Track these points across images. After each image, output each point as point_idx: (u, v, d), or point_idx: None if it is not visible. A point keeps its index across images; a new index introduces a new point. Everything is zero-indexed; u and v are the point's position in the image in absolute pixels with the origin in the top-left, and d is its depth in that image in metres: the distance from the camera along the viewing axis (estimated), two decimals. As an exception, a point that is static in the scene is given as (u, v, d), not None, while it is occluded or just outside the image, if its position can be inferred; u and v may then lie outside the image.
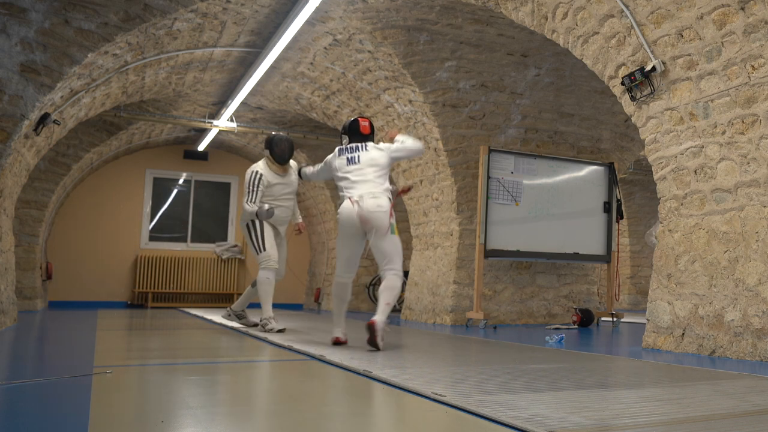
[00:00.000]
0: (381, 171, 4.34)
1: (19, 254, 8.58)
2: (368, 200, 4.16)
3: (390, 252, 4.17)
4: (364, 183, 4.25)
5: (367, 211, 4.13)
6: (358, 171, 4.30)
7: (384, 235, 4.15)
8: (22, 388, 2.57)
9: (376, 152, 4.37)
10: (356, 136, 4.47)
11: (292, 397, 2.53)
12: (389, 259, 4.18)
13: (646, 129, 4.72)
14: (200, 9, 5.73)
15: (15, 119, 5.34)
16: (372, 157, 4.34)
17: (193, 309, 9.98)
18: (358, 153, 4.38)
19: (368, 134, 4.49)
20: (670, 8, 4.14)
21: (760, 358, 3.81)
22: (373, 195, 4.19)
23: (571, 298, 7.80)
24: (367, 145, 4.42)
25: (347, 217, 4.19)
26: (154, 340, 4.99)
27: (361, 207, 4.14)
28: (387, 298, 4.13)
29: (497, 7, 5.27)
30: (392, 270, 4.18)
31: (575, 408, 2.22)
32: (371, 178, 4.27)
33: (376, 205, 4.15)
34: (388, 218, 4.17)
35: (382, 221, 4.14)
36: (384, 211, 4.16)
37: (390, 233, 4.17)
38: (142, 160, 11.49)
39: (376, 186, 4.25)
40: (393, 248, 4.19)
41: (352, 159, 4.36)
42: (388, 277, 4.18)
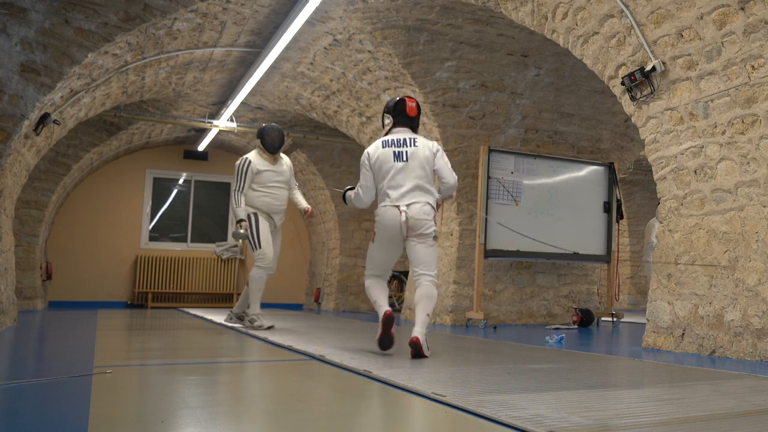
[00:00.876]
0: (429, 173, 3.95)
1: (19, 254, 8.58)
2: (415, 207, 3.85)
3: (429, 258, 3.88)
4: (411, 186, 3.88)
5: (414, 219, 3.83)
6: (406, 170, 3.90)
7: (426, 241, 3.87)
8: (22, 388, 2.57)
9: (426, 151, 3.94)
10: (402, 118, 4.04)
11: (292, 397, 2.53)
12: (426, 265, 3.87)
13: (646, 129, 4.72)
14: (200, 9, 5.73)
15: (15, 119, 5.34)
16: (421, 156, 3.92)
17: (193, 309, 9.98)
18: (406, 148, 3.93)
19: (414, 116, 4.07)
20: (670, 8, 4.14)
21: (760, 358, 3.81)
22: (423, 203, 3.87)
23: (571, 298, 7.80)
24: (416, 140, 3.97)
25: (391, 224, 3.87)
26: (154, 340, 4.99)
27: (408, 215, 3.82)
28: (426, 308, 3.79)
29: (497, 7, 5.27)
30: (428, 276, 3.87)
31: (575, 408, 2.22)
32: (419, 180, 3.89)
33: (423, 212, 3.85)
34: (434, 226, 3.89)
35: (427, 229, 3.86)
36: (430, 219, 3.87)
37: (433, 240, 3.89)
38: (142, 160, 11.49)
39: (424, 194, 3.90)
40: (432, 255, 3.89)
41: (399, 155, 3.92)
42: (423, 284, 3.86)
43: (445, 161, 4.00)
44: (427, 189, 3.92)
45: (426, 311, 3.78)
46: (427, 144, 3.98)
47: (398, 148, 3.93)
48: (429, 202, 3.89)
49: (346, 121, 8.51)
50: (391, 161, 3.92)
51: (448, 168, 4.01)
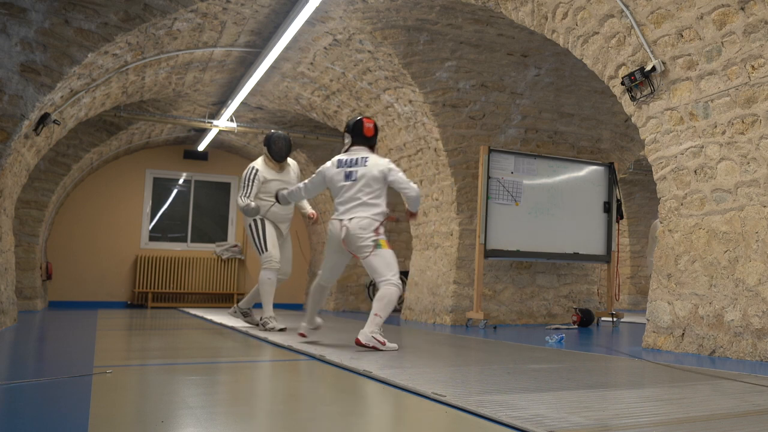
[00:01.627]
0: (376, 191, 4.28)
1: (19, 254, 8.59)
2: (354, 224, 4.20)
3: (379, 267, 4.18)
4: (355, 204, 4.25)
5: (350, 236, 4.20)
6: (353, 188, 4.27)
7: (368, 255, 4.18)
8: (22, 388, 2.57)
9: (375, 171, 4.27)
10: (359, 138, 4.40)
11: (292, 397, 2.53)
12: (379, 273, 4.19)
13: (646, 129, 4.72)
14: (200, 9, 5.73)
15: (15, 119, 5.34)
16: (369, 175, 4.26)
17: (193, 309, 9.98)
18: (357, 168, 4.30)
19: (372, 136, 4.42)
20: (670, 8, 4.14)
21: (760, 358, 3.81)
22: (360, 218, 4.21)
23: (571, 298, 7.80)
24: (367, 159, 4.31)
25: (334, 236, 4.30)
26: (154, 340, 4.99)
27: (348, 231, 4.20)
28: (377, 309, 4.13)
29: (497, 7, 5.27)
30: (384, 281, 4.18)
31: (575, 408, 2.22)
32: (364, 199, 4.25)
33: (359, 227, 4.19)
34: (371, 241, 4.18)
35: (362, 245, 4.19)
36: (366, 236, 4.19)
37: (376, 249, 4.18)
38: (142, 160, 11.49)
39: (366, 209, 4.24)
40: (381, 263, 4.18)
41: (349, 174, 4.31)
42: (382, 287, 4.19)
43: (400, 177, 4.31)
44: (371, 204, 4.27)
45: (375, 311, 4.12)
46: (378, 163, 4.31)
47: (350, 168, 4.33)
48: (369, 217, 4.23)
49: (346, 121, 8.52)
50: (342, 180, 4.33)
51: (405, 181, 4.32)
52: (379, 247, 4.18)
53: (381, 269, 4.18)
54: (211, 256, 11.68)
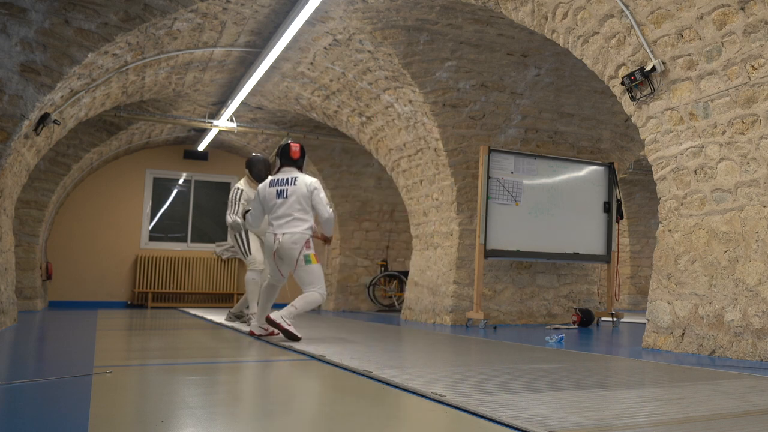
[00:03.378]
0: (305, 207, 4.75)
1: (19, 254, 8.58)
2: (286, 239, 4.67)
3: (307, 280, 4.71)
4: (288, 219, 4.72)
5: (281, 248, 4.68)
6: (285, 205, 4.74)
7: (298, 267, 4.69)
8: (22, 388, 2.57)
9: (303, 189, 4.76)
10: (287, 160, 4.91)
11: (292, 397, 2.53)
12: (307, 284, 4.72)
13: (646, 129, 4.72)
14: (200, 9, 5.73)
15: (15, 119, 5.34)
16: (298, 194, 4.75)
17: (193, 309, 9.98)
18: (287, 187, 4.79)
19: (297, 158, 4.91)
20: (670, 8, 4.14)
21: (760, 358, 3.81)
22: (292, 233, 4.69)
23: (571, 298, 7.80)
24: (296, 179, 4.80)
25: (268, 247, 4.79)
26: (154, 340, 4.99)
27: (280, 243, 4.67)
28: (296, 302, 4.63)
29: (497, 7, 5.27)
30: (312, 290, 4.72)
31: (575, 408, 2.22)
32: (296, 215, 4.72)
33: (291, 242, 4.67)
34: (301, 253, 4.66)
35: (292, 257, 4.68)
36: (296, 249, 4.67)
37: (305, 264, 4.68)
38: (142, 160, 11.49)
39: (296, 224, 4.72)
40: (309, 276, 4.71)
41: (281, 192, 4.80)
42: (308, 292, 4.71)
43: (321, 197, 4.80)
44: (302, 218, 4.75)
45: (294, 303, 4.63)
46: (305, 182, 4.81)
47: (281, 187, 4.83)
48: (300, 231, 4.70)
49: (346, 121, 8.51)
50: (275, 198, 4.82)
51: (322, 204, 4.79)
52: (308, 263, 4.69)
53: (309, 281, 4.71)
54: (211, 256, 11.69)
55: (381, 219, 11.09)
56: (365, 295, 10.78)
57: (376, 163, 10.45)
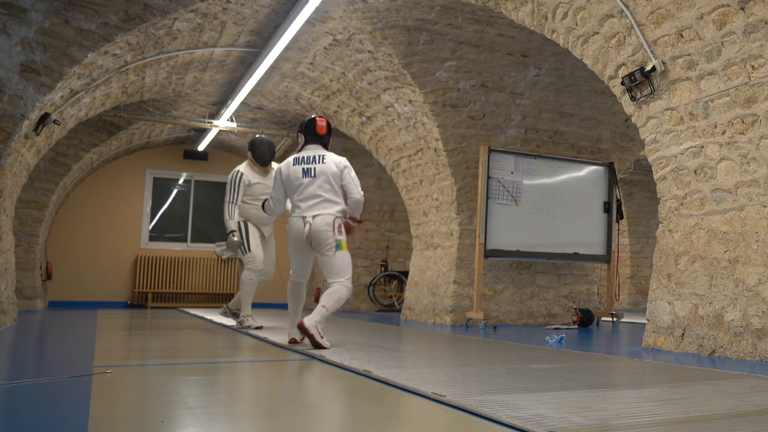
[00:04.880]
0: (335, 187, 4.31)
1: (19, 254, 8.58)
2: (319, 221, 4.21)
3: (335, 266, 4.23)
4: (317, 201, 4.26)
5: (315, 231, 4.20)
6: (313, 184, 4.28)
7: (329, 252, 4.22)
8: (22, 388, 2.57)
9: (333, 167, 4.31)
10: (313, 136, 4.42)
11: (292, 397, 2.53)
12: (335, 272, 4.23)
13: (646, 129, 4.72)
14: (200, 9, 5.73)
15: (15, 119, 5.34)
16: (328, 172, 4.29)
17: (193, 309, 9.98)
18: (315, 165, 4.32)
19: (324, 134, 4.44)
20: (670, 8, 4.14)
21: (760, 358, 3.81)
22: (325, 214, 4.23)
23: (571, 298, 7.80)
24: (324, 157, 4.34)
25: (296, 233, 4.28)
26: (154, 340, 4.99)
27: (311, 228, 4.20)
28: (325, 301, 4.15)
29: (497, 7, 5.27)
30: (337, 282, 4.23)
31: (575, 408, 2.22)
32: (326, 195, 4.27)
33: (324, 224, 4.21)
34: (335, 237, 4.21)
35: (327, 240, 4.21)
36: (331, 231, 4.20)
37: (337, 250, 4.22)
38: (142, 160, 11.49)
39: (328, 205, 4.26)
40: (340, 264, 4.24)
41: (307, 171, 4.31)
42: (335, 286, 4.22)
43: (352, 177, 4.36)
44: (333, 200, 4.29)
45: (323, 303, 4.13)
46: (334, 160, 4.34)
47: (307, 165, 4.33)
48: (332, 213, 4.25)
49: (346, 121, 8.51)
50: (300, 177, 4.31)
51: (353, 184, 4.35)
52: (339, 248, 4.23)
53: (338, 269, 4.23)
54: (210, 256, 11.68)
55: (381, 219, 11.09)
56: (365, 295, 10.77)
57: (376, 163, 10.45)
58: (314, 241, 4.24)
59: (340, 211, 4.30)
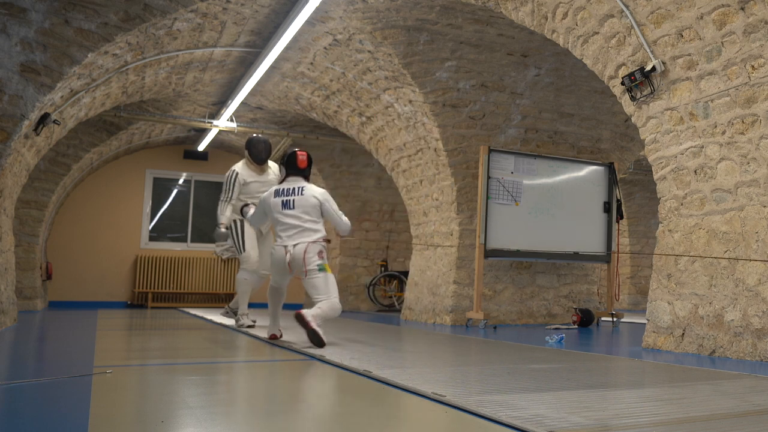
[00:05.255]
0: (314, 217, 4.52)
1: (19, 254, 8.58)
2: (298, 248, 4.42)
3: (321, 287, 4.41)
4: (297, 231, 4.47)
5: (294, 259, 4.43)
6: (293, 217, 4.50)
7: (312, 277, 4.41)
8: (22, 388, 2.57)
9: (312, 199, 4.53)
10: (293, 170, 4.66)
11: (292, 397, 2.53)
12: (320, 293, 4.40)
13: (646, 129, 4.72)
14: (200, 9, 5.73)
15: (15, 119, 5.34)
16: (306, 205, 4.51)
17: (193, 309, 9.98)
18: (294, 197, 4.55)
19: (304, 168, 4.68)
20: (670, 8, 4.14)
21: (760, 358, 3.81)
22: (305, 242, 4.44)
23: (571, 298, 7.80)
24: (303, 189, 4.56)
25: (278, 259, 4.51)
26: (154, 340, 4.99)
27: (292, 255, 4.42)
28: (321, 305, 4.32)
29: (497, 7, 5.27)
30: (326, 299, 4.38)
31: (575, 408, 2.22)
32: (305, 225, 4.49)
33: (303, 252, 4.41)
34: (315, 265, 4.41)
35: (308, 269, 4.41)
36: (310, 258, 4.40)
37: (318, 272, 4.41)
38: (142, 160, 11.49)
39: (308, 234, 4.47)
40: (323, 284, 4.41)
41: (286, 203, 4.54)
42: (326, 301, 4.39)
43: (333, 209, 4.60)
44: (312, 229, 4.51)
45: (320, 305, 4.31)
46: (314, 192, 4.57)
47: (287, 197, 4.57)
48: (311, 241, 4.46)
49: (346, 121, 8.51)
50: (281, 209, 4.55)
51: (336, 215, 4.61)
52: (323, 270, 4.44)
53: (324, 291, 4.40)
54: (211, 256, 11.68)
55: (381, 219, 11.09)
56: (365, 295, 10.77)
57: (376, 163, 10.45)
58: (296, 269, 4.47)
59: (320, 237, 4.52)
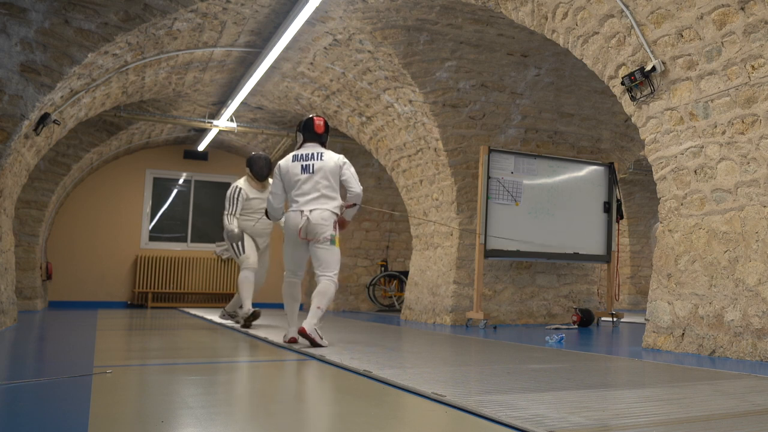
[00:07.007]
0: (332, 183, 4.41)
1: (19, 254, 8.58)
2: (316, 215, 4.32)
3: (327, 260, 4.33)
4: (315, 196, 4.36)
5: (312, 224, 4.31)
6: (311, 180, 4.39)
7: (323, 244, 4.32)
8: (22, 388, 2.57)
9: (331, 164, 4.42)
10: (310, 134, 4.55)
11: (292, 397, 2.53)
12: (325, 265, 4.33)
13: (646, 129, 4.72)
14: (200, 9, 5.73)
15: (15, 119, 5.34)
16: (327, 168, 4.40)
17: (193, 309, 9.98)
18: (313, 162, 4.43)
19: (322, 133, 4.57)
20: (670, 8, 4.14)
21: (760, 358, 3.81)
22: (322, 209, 4.34)
23: (571, 298, 7.80)
24: (323, 154, 4.45)
25: (293, 226, 4.37)
26: (154, 340, 4.99)
27: (309, 222, 4.30)
28: (318, 302, 4.25)
29: (497, 7, 5.27)
30: (326, 276, 4.33)
31: (575, 408, 2.22)
32: (323, 191, 4.38)
33: (321, 218, 4.32)
34: (330, 231, 4.34)
35: (324, 233, 4.32)
36: (327, 224, 4.32)
37: (330, 244, 4.33)
38: (142, 160, 11.49)
39: (325, 201, 4.37)
40: (331, 257, 4.34)
41: (306, 167, 4.42)
42: (322, 281, 4.32)
43: (351, 172, 4.48)
44: (330, 196, 4.39)
45: (317, 304, 4.24)
46: (333, 157, 4.45)
47: (306, 162, 4.44)
48: (329, 209, 4.36)
49: (346, 121, 8.51)
50: (299, 173, 4.42)
51: (354, 178, 4.47)
52: (333, 243, 4.35)
53: (330, 263, 4.34)
54: (211, 256, 11.68)
55: (381, 219, 11.09)
56: (365, 295, 10.77)
57: (376, 163, 10.45)
58: (310, 234, 4.33)
59: (337, 207, 4.41)
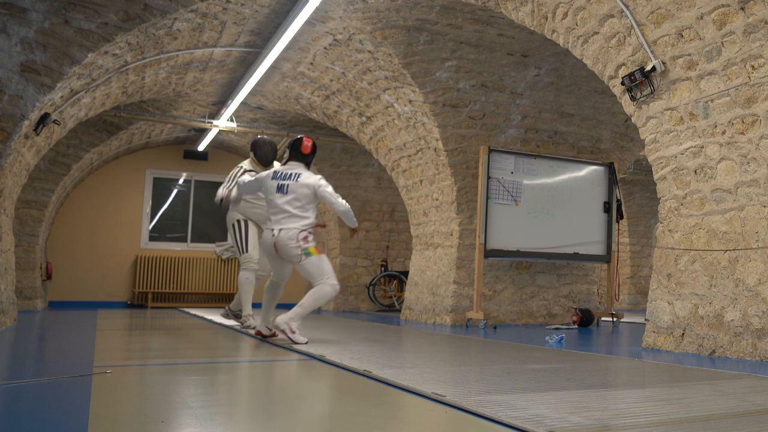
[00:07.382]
0: (304, 204, 4.60)
1: (19, 254, 8.58)
2: (283, 235, 4.53)
3: (311, 272, 4.54)
4: (285, 216, 4.58)
5: (280, 245, 4.55)
6: (283, 201, 4.59)
7: (297, 261, 4.53)
8: (22, 388, 2.57)
9: (304, 188, 4.60)
10: (295, 154, 4.73)
11: (292, 397, 2.53)
12: (313, 277, 4.54)
13: (646, 129, 4.72)
14: (200, 9, 5.73)
15: (15, 119, 5.34)
16: (299, 192, 4.59)
17: (193, 309, 9.98)
18: (288, 182, 4.62)
19: (307, 154, 4.74)
20: (670, 8, 4.14)
21: (760, 358, 3.81)
22: (288, 229, 4.54)
23: (571, 298, 7.80)
24: (300, 175, 4.63)
25: (266, 244, 4.66)
26: (154, 340, 4.99)
27: (277, 240, 4.54)
28: (304, 301, 4.46)
29: (497, 7, 5.27)
30: (320, 282, 4.51)
31: (575, 408, 2.22)
32: (293, 211, 4.57)
33: (287, 237, 4.52)
34: (299, 250, 4.51)
35: (292, 253, 4.53)
36: (294, 245, 4.51)
37: (306, 257, 4.51)
38: (142, 160, 11.49)
39: (295, 221, 4.57)
40: (312, 269, 4.53)
41: (281, 187, 4.63)
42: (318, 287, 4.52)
43: (329, 192, 4.63)
44: (300, 216, 4.59)
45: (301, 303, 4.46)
46: (308, 181, 4.63)
47: (282, 181, 4.65)
48: (297, 227, 4.55)
49: (346, 121, 8.51)
50: (274, 192, 4.65)
51: (333, 197, 4.63)
52: (308, 255, 4.51)
53: (314, 274, 4.53)
54: (211, 256, 11.68)
55: (381, 219, 11.09)
56: (365, 295, 10.77)
57: (376, 163, 10.45)
58: (282, 253, 4.58)
59: (306, 224, 4.59)
